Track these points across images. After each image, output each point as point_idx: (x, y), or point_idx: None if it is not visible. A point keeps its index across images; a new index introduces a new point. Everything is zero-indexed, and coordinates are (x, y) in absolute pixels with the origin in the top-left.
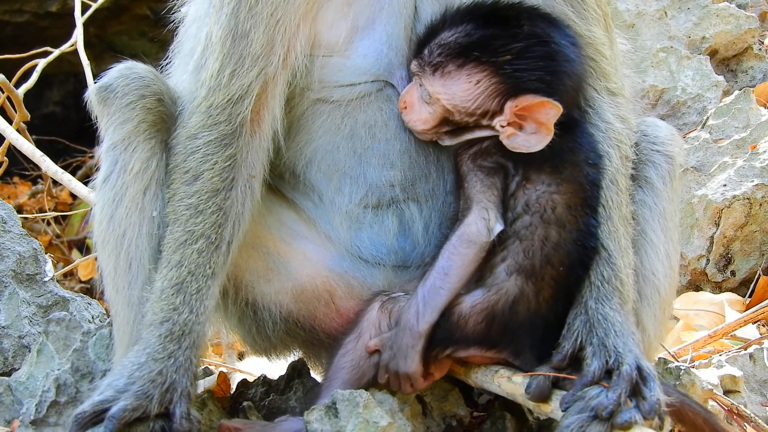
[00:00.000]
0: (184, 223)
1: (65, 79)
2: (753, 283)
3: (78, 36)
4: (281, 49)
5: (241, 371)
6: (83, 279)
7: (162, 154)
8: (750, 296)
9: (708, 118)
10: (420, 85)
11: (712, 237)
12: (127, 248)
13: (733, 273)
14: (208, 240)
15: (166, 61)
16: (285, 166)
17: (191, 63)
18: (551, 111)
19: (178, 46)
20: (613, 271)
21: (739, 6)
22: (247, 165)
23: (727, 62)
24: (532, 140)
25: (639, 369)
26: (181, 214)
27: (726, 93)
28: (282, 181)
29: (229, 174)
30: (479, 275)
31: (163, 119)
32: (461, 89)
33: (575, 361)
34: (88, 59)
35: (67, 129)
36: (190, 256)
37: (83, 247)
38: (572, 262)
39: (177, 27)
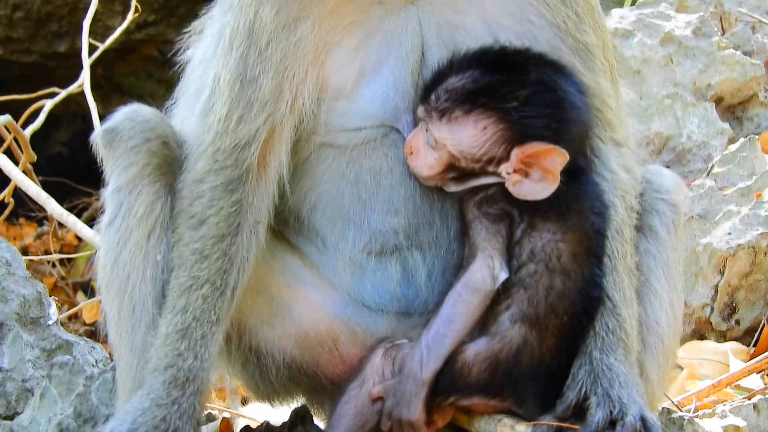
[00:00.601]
0: (189, 268)
1: (73, 120)
2: (757, 332)
3: (85, 77)
4: (289, 94)
5: (244, 416)
6: (88, 322)
7: (167, 197)
8: (755, 345)
9: (713, 165)
10: (426, 131)
11: (716, 285)
12: (131, 292)
13: (737, 322)
14: (214, 286)
15: (171, 102)
16: (289, 211)
17: (198, 105)
18: (558, 158)
19: (184, 87)
20: (618, 322)
21: (745, 53)
22: (253, 210)
23: (733, 109)
24: (538, 187)
25: (643, 420)
26: (186, 259)
27: (731, 140)
28: (286, 226)
29: (235, 219)
30: (483, 323)
31: (168, 162)
32: (468, 135)
33: (579, 411)
34: (96, 100)
35: (73, 170)
36: (195, 302)
37: (88, 290)
38: (576, 312)
39: (183, 68)
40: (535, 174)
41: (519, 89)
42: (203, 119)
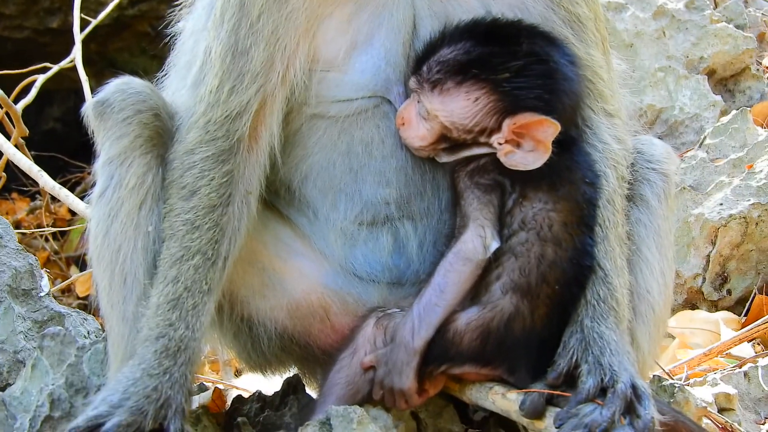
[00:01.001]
0: (180, 238)
1: (66, 96)
2: (749, 302)
3: (77, 52)
4: (281, 66)
5: (237, 387)
6: (81, 295)
7: (158, 169)
8: (746, 315)
9: (705, 137)
10: (418, 102)
11: (708, 256)
12: (122, 263)
13: (729, 292)
14: (205, 256)
15: (162, 74)
16: (280, 182)
17: (189, 77)
18: (549, 129)
19: (175, 59)
20: (609, 291)
21: (737, 26)
22: (244, 181)
23: (725, 82)
24: (529, 158)
25: (634, 387)
26: (177, 229)
27: (723, 113)
28: (277, 197)
29: (226, 190)
30: (475, 292)
31: (159, 134)
32: (459, 106)
33: (570, 379)
34: (89, 76)
35: (67, 145)
36: (186, 272)
37: (81, 263)
38: (568, 281)
39: (174, 41)
40: (527, 144)
41: (511, 60)
42: (194, 91)
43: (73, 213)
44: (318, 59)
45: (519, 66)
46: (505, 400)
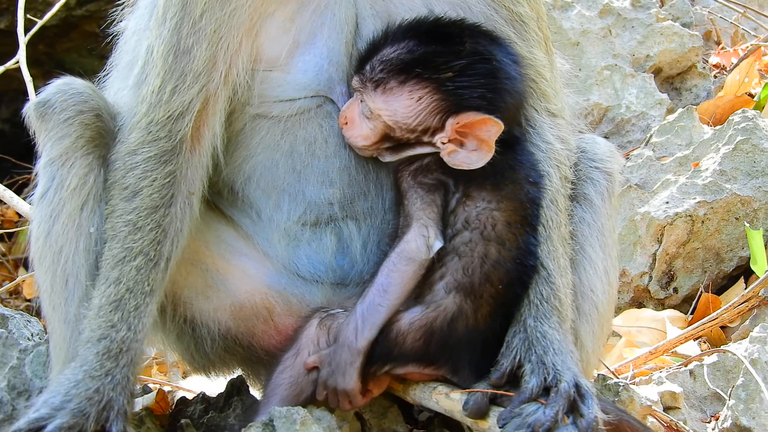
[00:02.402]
0: (122, 239)
1: (15, 97)
2: (695, 300)
3: (21, 54)
4: (223, 65)
5: (182, 389)
6: (28, 297)
7: (100, 169)
8: (692, 313)
9: (651, 135)
10: (361, 101)
11: (654, 254)
12: (64, 264)
13: (675, 290)
14: (147, 257)
15: (104, 74)
16: (223, 183)
17: (131, 77)
18: (492, 128)
19: (116, 59)
20: (552, 291)
21: (684, 25)
22: (187, 182)
23: (672, 80)
24: (473, 157)
25: (577, 387)
26: (119, 230)
27: (670, 111)
28: (220, 198)
29: (169, 191)
30: (418, 292)
31: (101, 135)
32: (403, 105)
33: (514, 379)
34: (38, 77)
35: (16, 147)
36: (128, 273)
37: (30, 265)
38: (511, 280)
39: (117, 40)
40: (470, 144)
41: (454, 60)
42: (137, 91)
43: (20, 215)
44: (261, 58)
45: (462, 65)
46: (448, 400)
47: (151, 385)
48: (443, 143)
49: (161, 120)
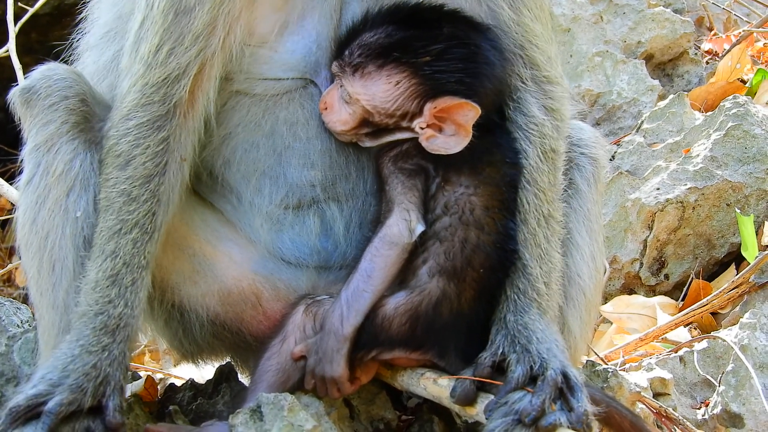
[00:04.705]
0: (117, 210)
1: (7, 85)
2: (686, 287)
3: (11, 42)
4: (222, 31)
5: (172, 375)
6: (21, 285)
7: (86, 154)
8: (683, 300)
9: (642, 122)
10: (341, 86)
11: (645, 240)
12: (51, 250)
13: (666, 276)
14: (143, 229)
15: (76, 39)
16: (203, 166)
17: (130, 35)
18: (470, 113)
19: (90, 23)
20: (529, 282)
21: (675, 11)
22: (180, 148)
23: (663, 67)
24: (450, 142)
25: (566, 376)
26: (114, 201)
27: (661, 97)
28: (199, 183)
29: (162, 158)
30: (402, 277)
31: (86, 119)
32: (381, 90)
33: (501, 369)
34: (31, 65)
35: (10, 135)
36: (125, 247)
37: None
38: (493, 265)
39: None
40: (448, 128)
41: (432, 44)
42: (135, 48)
43: (13, 203)
44: (253, 32)
45: (440, 49)
46: (436, 386)
47: (140, 372)
48: (422, 128)
49: (157, 81)
